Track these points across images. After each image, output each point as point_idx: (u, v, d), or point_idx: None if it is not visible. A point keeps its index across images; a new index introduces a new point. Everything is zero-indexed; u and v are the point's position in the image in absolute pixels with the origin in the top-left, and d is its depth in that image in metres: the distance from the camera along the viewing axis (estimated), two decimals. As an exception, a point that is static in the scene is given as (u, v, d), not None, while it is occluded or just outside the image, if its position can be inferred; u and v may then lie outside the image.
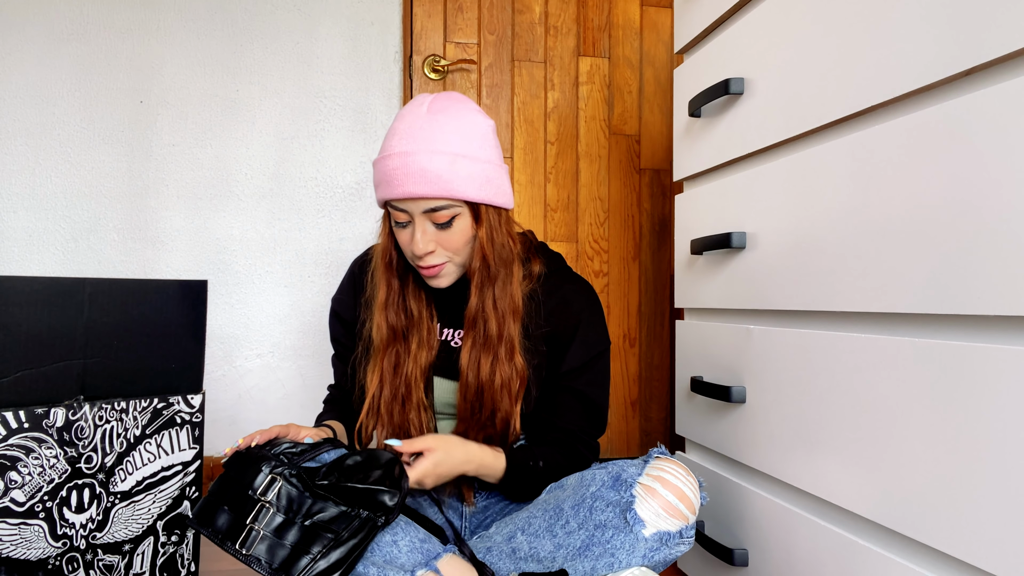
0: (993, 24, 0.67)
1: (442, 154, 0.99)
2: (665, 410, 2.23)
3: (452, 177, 0.99)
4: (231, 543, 0.88)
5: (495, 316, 1.07)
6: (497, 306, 1.07)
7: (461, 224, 1.03)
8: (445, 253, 1.05)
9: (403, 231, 1.04)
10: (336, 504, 0.89)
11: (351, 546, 0.87)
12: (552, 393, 1.14)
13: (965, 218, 0.70)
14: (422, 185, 0.98)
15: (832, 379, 0.90)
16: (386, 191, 1.02)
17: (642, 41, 2.22)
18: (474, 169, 1.01)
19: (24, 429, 1.02)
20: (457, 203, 1.01)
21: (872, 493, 0.83)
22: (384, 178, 1.01)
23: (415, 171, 0.98)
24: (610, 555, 0.94)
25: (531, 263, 1.15)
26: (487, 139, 1.04)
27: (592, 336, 1.14)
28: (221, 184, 2.04)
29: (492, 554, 1.00)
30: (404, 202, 1.01)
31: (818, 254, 0.93)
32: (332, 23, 2.10)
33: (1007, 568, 0.65)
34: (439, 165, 0.98)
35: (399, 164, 0.99)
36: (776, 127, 1.03)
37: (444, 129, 1.00)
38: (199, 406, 1.24)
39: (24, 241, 1.96)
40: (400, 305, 1.11)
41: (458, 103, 1.04)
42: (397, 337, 1.11)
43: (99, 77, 1.99)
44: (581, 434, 1.14)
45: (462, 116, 1.02)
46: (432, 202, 1.00)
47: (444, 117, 1.01)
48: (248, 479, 0.91)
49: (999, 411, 0.67)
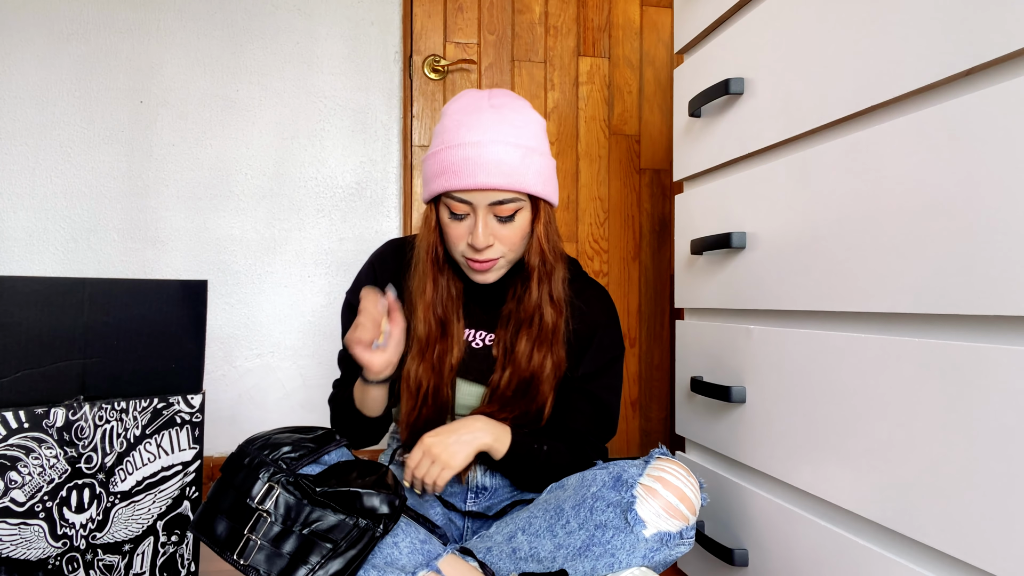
0: (993, 24, 0.67)
1: (516, 146, 0.98)
2: (665, 410, 2.23)
3: (525, 170, 0.99)
4: (229, 552, 0.87)
5: (552, 309, 1.08)
6: (554, 299, 1.08)
7: (522, 218, 1.03)
8: (501, 248, 1.04)
9: (459, 224, 1.02)
10: (335, 512, 0.89)
11: (350, 557, 0.86)
12: (565, 394, 1.14)
13: (965, 218, 0.70)
14: (496, 176, 0.97)
15: (832, 379, 0.90)
16: (452, 181, 0.99)
17: (642, 41, 2.22)
18: (542, 164, 1.02)
19: (24, 429, 1.02)
20: (523, 197, 1.01)
21: (872, 493, 0.83)
22: (450, 168, 0.99)
23: (490, 161, 0.97)
24: (610, 555, 0.94)
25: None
26: (546, 135, 1.06)
27: (608, 341, 1.14)
28: (221, 184, 2.04)
29: (492, 554, 1.00)
30: (470, 193, 0.99)
31: (818, 254, 0.93)
32: (332, 23, 2.10)
33: (1006, 568, 0.65)
34: (514, 157, 0.98)
35: (472, 154, 0.97)
36: (776, 127, 1.03)
37: (514, 123, 1.00)
38: (199, 406, 1.24)
39: (24, 241, 1.96)
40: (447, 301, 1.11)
41: (516, 98, 1.05)
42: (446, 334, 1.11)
43: (99, 77, 1.99)
44: (589, 436, 1.14)
45: (525, 111, 1.03)
46: (502, 194, 0.99)
47: (509, 111, 1.01)
48: (246, 487, 0.90)
49: (999, 411, 0.67)
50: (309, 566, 0.85)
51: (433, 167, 1.02)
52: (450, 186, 0.99)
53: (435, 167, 1.01)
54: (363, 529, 0.88)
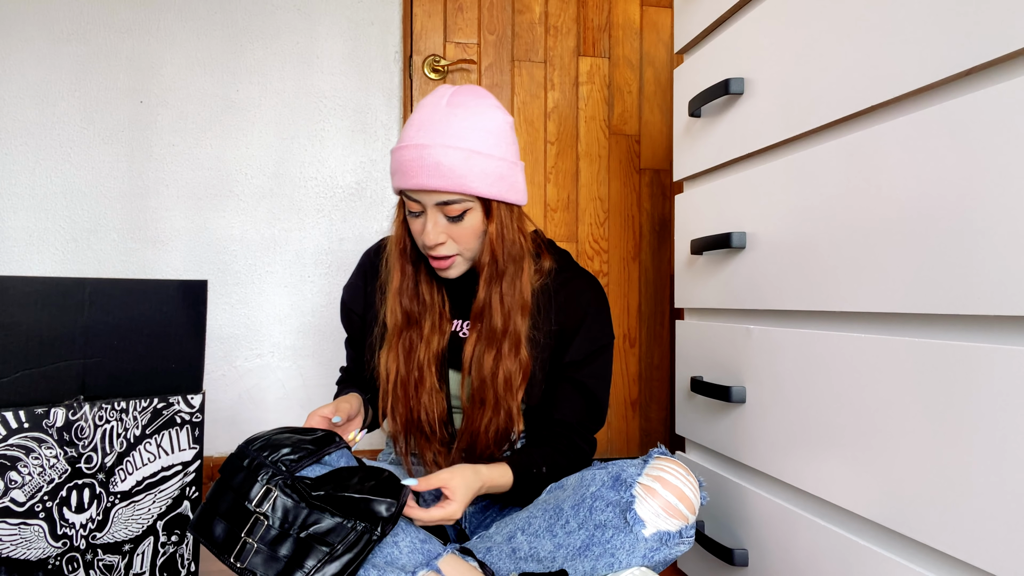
0: (993, 24, 0.67)
1: (457, 149, 0.99)
2: (665, 410, 2.23)
3: (466, 172, 1.00)
4: (227, 555, 0.87)
5: (501, 311, 1.08)
6: (504, 301, 1.08)
7: (472, 219, 1.04)
8: (455, 246, 1.05)
9: (416, 220, 1.06)
10: (332, 515, 0.88)
11: (346, 561, 0.86)
12: (553, 384, 1.14)
13: (965, 218, 0.70)
14: (435, 178, 0.99)
15: (832, 379, 0.90)
16: (401, 180, 1.03)
17: (642, 41, 2.22)
18: (488, 166, 1.01)
19: (24, 429, 1.02)
20: (469, 198, 1.02)
21: (872, 493, 0.83)
22: (400, 168, 1.02)
23: (430, 164, 0.99)
24: (610, 555, 0.94)
25: (542, 259, 1.16)
26: (504, 136, 1.04)
27: (596, 330, 1.15)
28: (221, 184, 2.04)
29: (492, 554, 1.00)
30: (417, 193, 1.02)
31: (818, 254, 0.93)
32: (332, 23, 2.10)
33: (1006, 568, 0.65)
34: (453, 160, 0.99)
35: (415, 156, 1.00)
36: (776, 127, 1.03)
37: (462, 124, 1.01)
38: (199, 406, 1.24)
39: (24, 241, 1.96)
40: (413, 291, 1.13)
41: (478, 98, 1.04)
42: (411, 322, 1.12)
43: (99, 77, 1.99)
44: (579, 427, 1.14)
45: (481, 112, 1.03)
46: (444, 195, 1.01)
47: (463, 111, 1.01)
48: (244, 489, 0.90)
49: (998, 411, 0.67)
50: (305, 570, 0.85)
51: (392, 164, 1.05)
52: (400, 185, 1.03)
53: (392, 164, 1.05)
54: (360, 532, 0.88)
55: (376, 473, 0.94)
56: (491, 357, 1.08)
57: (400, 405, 1.11)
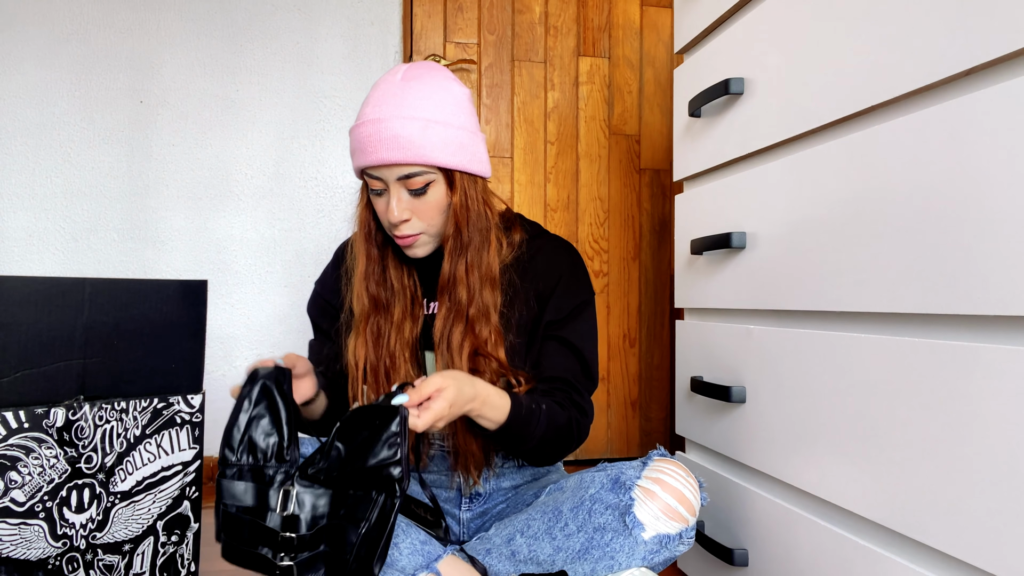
0: (993, 24, 0.67)
1: (414, 119, 0.98)
2: (665, 410, 2.22)
3: (424, 143, 0.98)
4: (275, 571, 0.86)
5: (466, 282, 1.05)
6: (470, 273, 1.05)
7: (436, 192, 1.02)
8: (420, 223, 1.03)
9: (379, 199, 1.04)
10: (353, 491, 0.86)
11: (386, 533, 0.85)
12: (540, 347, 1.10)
13: (965, 218, 0.70)
14: (394, 151, 0.98)
15: (832, 379, 0.90)
16: (360, 159, 1.01)
17: (642, 41, 2.22)
18: (447, 135, 1.00)
19: (24, 429, 1.02)
20: (431, 169, 1.00)
21: (872, 493, 0.83)
22: (358, 146, 1.01)
23: (387, 137, 0.98)
24: (609, 558, 0.94)
25: (512, 233, 1.13)
26: (461, 105, 1.03)
27: (575, 286, 1.12)
28: (221, 184, 2.04)
29: (492, 556, 1.00)
30: (378, 169, 1.00)
31: (818, 254, 0.93)
32: (332, 23, 2.10)
33: (1007, 568, 0.65)
34: (411, 131, 0.97)
35: (372, 131, 0.98)
36: (776, 127, 1.03)
37: (417, 95, 0.99)
38: (199, 406, 1.24)
39: (24, 241, 1.96)
40: (380, 276, 1.10)
41: (432, 71, 1.03)
42: (379, 308, 1.09)
43: (99, 77, 1.99)
44: (573, 381, 1.09)
45: (436, 83, 1.02)
46: (405, 168, 0.99)
47: (417, 84, 1.00)
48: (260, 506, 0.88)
49: (999, 411, 0.67)
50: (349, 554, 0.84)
51: (351, 144, 1.04)
52: (360, 164, 1.02)
53: (351, 145, 1.04)
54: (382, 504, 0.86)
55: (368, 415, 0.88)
56: (459, 331, 1.04)
57: (371, 392, 1.08)
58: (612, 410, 2.20)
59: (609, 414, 2.20)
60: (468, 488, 1.13)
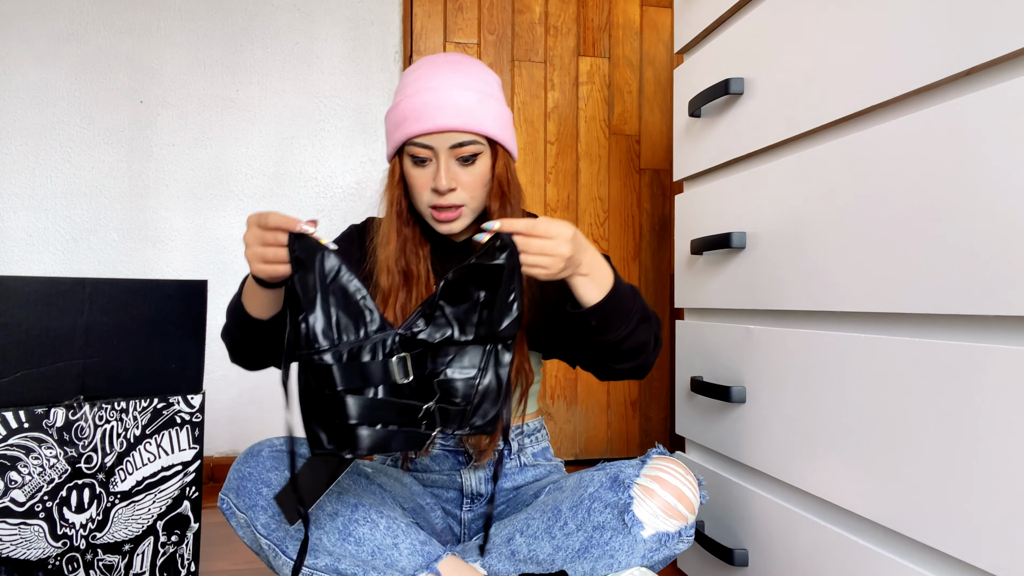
0: (993, 24, 0.67)
1: (470, 90, 1.01)
2: (665, 410, 2.22)
3: (481, 113, 1.01)
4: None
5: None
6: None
7: (482, 163, 1.03)
8: (464, 194, 1.03)
9: (422, 172, 1.03)
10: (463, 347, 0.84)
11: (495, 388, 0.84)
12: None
13: (965, 218, 0.70)
14: (453, 117, 0.99)
15: (832, 379, 0.90)
16: (413, 126, 1.01)
17: (642, 41, 2.22)
18: (498, 109, 1.04)
19: (24, 429, 1.02)
20: (482, 140, 1.02)
21: (872, 493, 0.83)
22: (410, 114, 1.01)
23: (447, 104, 0.99)
24: (609, 556, 0.94)
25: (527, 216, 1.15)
26: (501, 88, 1.08)
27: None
28: (221, 184, 2.04)
29: (492, 556, 0.99)
30: (431, 137, 1.00)
31: (818, 254, 0.93)
32: (332, 23, 2.10)
33: (1007, 568, 0.65)
34: (469, 100, 1.00)
35: (429, 98, 1.00)
36: (776, 127, 1.03)
37: (469, 71, 1.03)
38: (199, 406, 1.24)
39: (24, 241, 1.96)
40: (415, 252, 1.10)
41: (469, 57, 1.08)
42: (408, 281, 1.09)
43: (99, 77, 1.99)
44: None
45: (480, 64, 1.06)
46: (460, 136, 1.00)
47: (466, 63, 1.05)
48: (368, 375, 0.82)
49: (999, 411, 0.67)
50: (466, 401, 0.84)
51: (394, 118, 1.04)
52: (411, 132, 1.01)
53: (396, 118, 1.03)
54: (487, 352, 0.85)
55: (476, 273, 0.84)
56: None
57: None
58: (612, 410, 2.20)
59: (609, 414, 2.20)
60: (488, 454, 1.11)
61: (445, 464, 1.13)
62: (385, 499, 1.01)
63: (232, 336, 1.05)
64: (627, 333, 0.96)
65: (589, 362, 1.06)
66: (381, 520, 0.93)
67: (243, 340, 1.03)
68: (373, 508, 0.94)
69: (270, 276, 0.86)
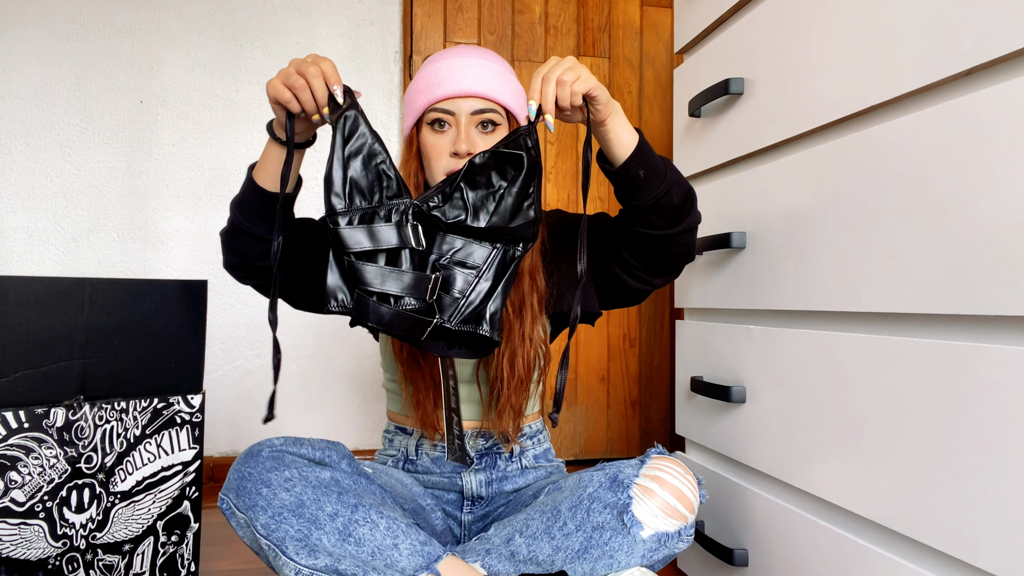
0: (993, 24, 0.67)
1: (494, 64, 1.05)
2: (665, 410, 2.22)
3: (502, 86, 1.05)
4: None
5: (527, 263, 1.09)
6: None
7: (500, 134, 1.06)
8: None
9: (441, 137, 1.04)
10: (471, 227, 0.87)
11: (492, 286, 0.86)
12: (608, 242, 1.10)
13: (965, 218, 0.70)
14: (478, 83, 1.03)
15: (832, 379, 0.90)
16: (436, 91, 1.03)
17: (642, 41, 2.22)
18: (517, 88, 1.08)
19: (24, 429, 1.02)
20: (501, 111, 1.05)
21: (872, 493, 0.83)
22: (435, 80, 1.04)
23: (473, 72, 1.03)
24: (608, 557, 0.94)
25: None
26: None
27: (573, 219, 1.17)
28: (221, 184, 2.04)
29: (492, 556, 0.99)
30: (453, 101, 1.03)
31: (818, 254, 0.93)
32: (332, 23, 2.10)
33: (1007, 568, 0.65)
34: (492, 72, 1.04)
35: (457, 63, 1.03)
36: (776, 127, 1.03)
37: (485, 55, 1.07)
38: (199, 406, 1.24)
39: (24, 241, 1.96)
40: None
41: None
42: None
43: (99, 77, 1.99)
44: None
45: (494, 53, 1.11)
46: (484, 102, 1.03)
47: (484, 50, 1.09)
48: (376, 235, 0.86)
49: (998, 411, 0.67)
50: (461, 296, 0.85)
51: (416, 88, 1.06)
52: (434, 96, 1.03)
53: (418, 86, 1.06)
54: (502, 251, 0.87)
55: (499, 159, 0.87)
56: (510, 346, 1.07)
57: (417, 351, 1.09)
58: (612, 410, 2.20)
59: (609, 414, 2.20)
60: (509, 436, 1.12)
61: (446, 467, 1.13)
62: (385, 499, 1.01)
63: (233, 224, 1.03)
64: (660, 192, 1.00)
65: (632, 255, 1.07)
66: (381, 521, 0.93)
67: (246, 225, 1.01)
68: (373, 508, 0.94)
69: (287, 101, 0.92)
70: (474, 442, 1.13)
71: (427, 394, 1.10)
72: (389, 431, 1.20)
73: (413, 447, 1.15)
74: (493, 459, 1.14)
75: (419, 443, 1.14)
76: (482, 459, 1.13)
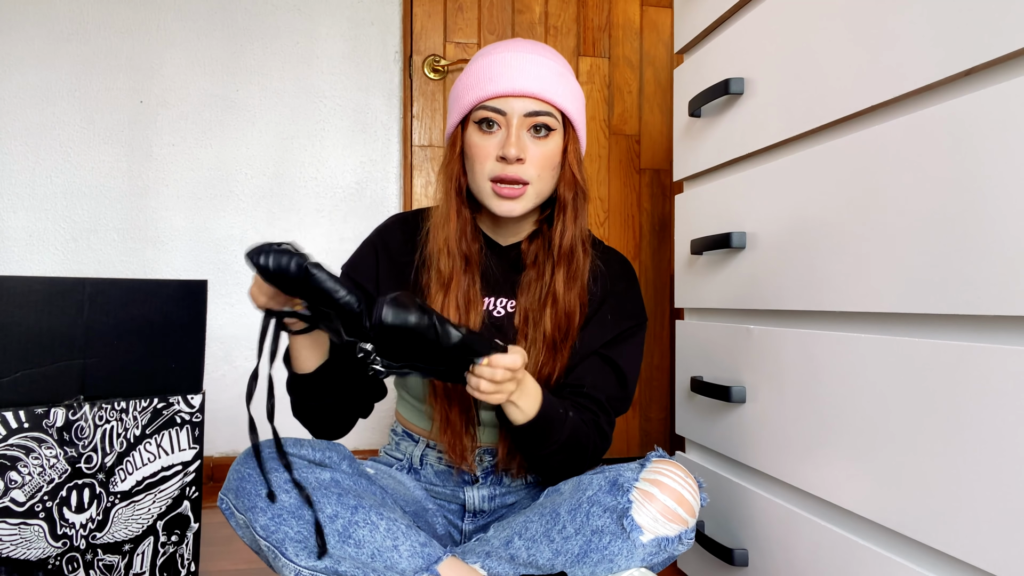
0: (993, 24, 0.67)
1: (552, 62, 0.97)
2: (665, 410, 2.22)
3: (561, 88, 0.97)
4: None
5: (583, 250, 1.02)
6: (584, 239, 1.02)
7: (554, 141, 0.98)
8: (532, 170, 0.97)
9: (489, 138, 0.97)
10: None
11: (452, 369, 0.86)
12: (584, 358, 1.06)
13: (965, 218, 0.70)
14: (534, 82, 0.94)
15: (832, 379, 0.90)
16: (488, 88, 0.95)
17: (642, 41, 2.22)
18: (576, 90, 1.00)
19: (24, 429, 1.02)
20: (558, 114, 0.97)
21: (872, 493, 0.83)
22: (486, 75, 0.95)
23: (528, 70, 0.94)
24: (608, 561, 0.93)
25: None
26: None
27: (631, 307, 1.09)
28: (221, 184, 2.04)
29: (492, 558, 0.99)
30: (505, 100, 0.95)
31: (818, 254, 0.93)
32: (332, 23, 2.10)
33: (1007, 568, 0.65)
34: (551, 72, 0.96)
35: (512, 59, 0.95)
36: (776, 127, 1.03)
37: (544, 51, 0.98)
38: (199, 406, 1.24)
39: (24, 241, 1.96)
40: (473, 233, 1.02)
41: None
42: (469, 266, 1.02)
43: (99, 77, 1.99)
44: (606, 404, 1.05)
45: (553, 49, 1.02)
46: (538, 104, 0.95)
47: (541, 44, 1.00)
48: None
49: (999, 411, 0.67)
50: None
51: (464, 83, 0.99)
52: (485, 93, 0.95)
53: (466, 81, 0.98)
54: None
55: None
56: (572, 293, 1.01)
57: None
58: (612, 410, 2.20)
59: (609, 414, 2.20)
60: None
61: (449, 482, 1.12)
62: (386, 500, 1.00)
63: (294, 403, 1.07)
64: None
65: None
66: (381, 522, 0.93)
67: (302, 401, 1.05)
68: (373, 510, 0.94)
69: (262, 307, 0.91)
70: (481, 459, 1.10)
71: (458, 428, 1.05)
72: (397, 432, 1.18)
73: (418, 457, 1.13)
74: (499, 476, 1.12)
75: (424, 453, 1.13)
76: (487, 476, 1.12)
